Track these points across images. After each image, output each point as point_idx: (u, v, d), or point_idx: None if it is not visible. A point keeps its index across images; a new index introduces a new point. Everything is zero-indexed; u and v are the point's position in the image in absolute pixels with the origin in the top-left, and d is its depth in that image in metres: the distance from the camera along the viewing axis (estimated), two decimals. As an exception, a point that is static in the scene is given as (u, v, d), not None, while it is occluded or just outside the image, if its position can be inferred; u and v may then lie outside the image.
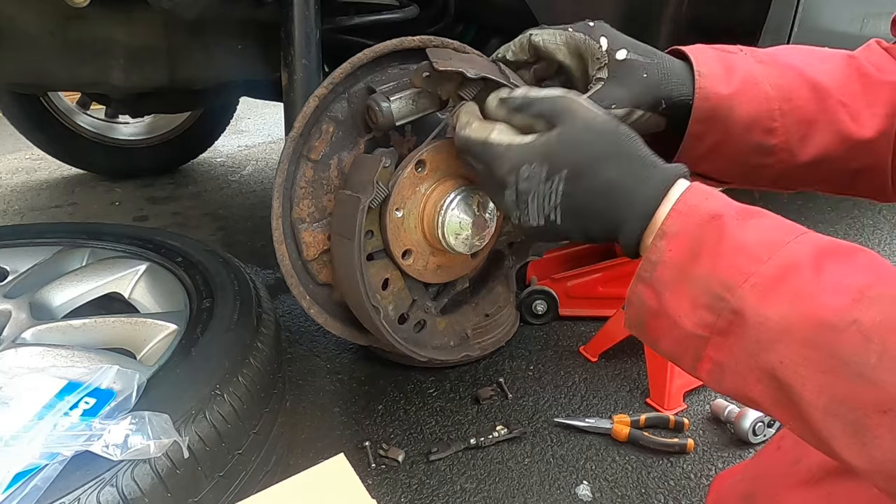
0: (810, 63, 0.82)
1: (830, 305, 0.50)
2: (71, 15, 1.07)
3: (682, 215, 0.58)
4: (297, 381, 1.46)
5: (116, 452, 0.71)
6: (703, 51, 0.82)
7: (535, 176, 0.66)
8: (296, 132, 0.83)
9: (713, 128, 0.80)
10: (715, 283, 0.55)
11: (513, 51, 0.85)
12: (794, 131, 0.80)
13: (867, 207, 2.56)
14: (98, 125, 2.68)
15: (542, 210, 0.66)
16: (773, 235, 0.56)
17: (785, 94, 0.79)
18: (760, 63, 0.81)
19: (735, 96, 0.78)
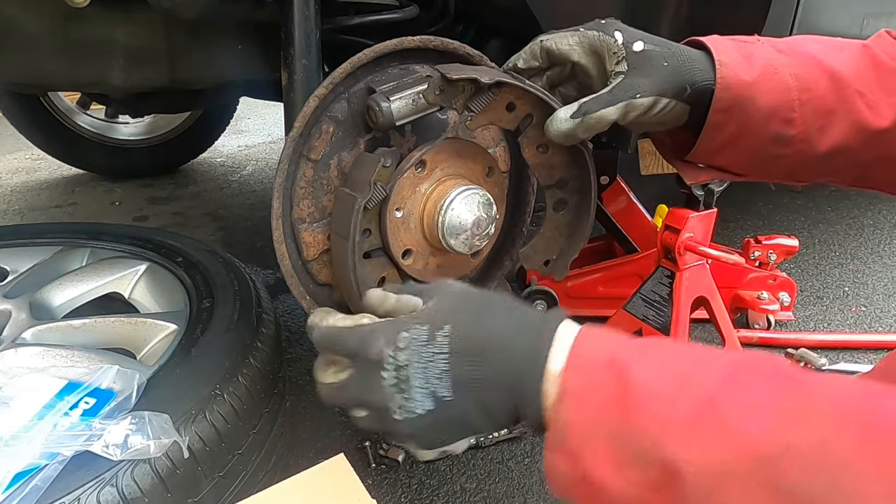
0: (827, 52, 0.81)
1: (759, 435, 0.45)
2: (71, 15, 1.06)
3: (578, 369, 0.54)
4: (297, 381, 1.46)
5: (116, 452, 0.71)
6: (721, 41, 0.81)
7: (415, 340, 0.59)
8: (296, 132, 0.83)
9: (733, 117, 0.79)
10: (634, 437, 0.50)
11: (524, 59, 0.84)
12: (812, 121, 0.79)
13: (867, 207, 2.56)
14: (98, 125, 2.68)
15: (428, 386, 0.58)
16: (678, 368, 0.52)
17: (804, 83, 0.78)
18: (779, 52, 0.79)
19: (756, 84, 0.77)
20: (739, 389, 0.48)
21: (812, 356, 1.49)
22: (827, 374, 0.51)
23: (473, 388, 0.58)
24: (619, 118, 0.78)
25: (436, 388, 0.58)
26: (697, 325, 1.61)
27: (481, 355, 0.58)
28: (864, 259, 2.13)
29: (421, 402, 0.59)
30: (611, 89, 0.77)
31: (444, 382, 0.58)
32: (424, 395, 0.58)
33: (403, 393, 0.59)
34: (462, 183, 0.88)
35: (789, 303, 1.67)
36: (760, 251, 1.69)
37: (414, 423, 0.60)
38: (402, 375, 0.59)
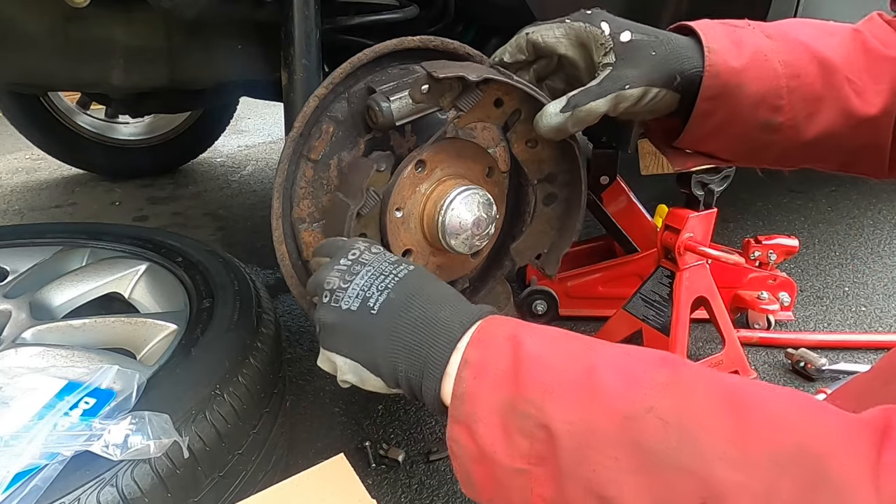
0: (818, 37, 0.80)
1: (628, 397, 0.49)
2: (71, 15, 1.06)
3: (480, 342, 0.57)
4: (297, 381, 1.46)
5: (116, 452, 0.71)
6: (711, 26, 0.80)
7: (384, 255, 0.66)
8: (296, 132, 0.83)
9: (721, 105, 0.78)
10: (520, 402, 0.52)
11: (510, 52, 0.84)
12: (800, 109, 0.79)
13: (867, 207, 2.56)
14: (98, 125, 2.68)
15: (365, 290, 0.62)
16: (571, 346, 0.55)
17: (793, 70, 0.78)
18: (769, 38, 0.79)
19: (745, 72, 0.76)
20: (619, 364, 0.52)
21: (812, 356, 1.49)
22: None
23: (396, 317, 0.61)
24: (610, 110, 0.78)
25: (370, 296, 0.62)
26: (697, 325, 1.61)
27: (420, 298, 0.61)
28: (864, 259, 2.13)
29: (350, 298, 0.63)
30: (599, 81, 0.77)
31: (379, 296, 0.62)
32: (357, 293, 0.63)
33: (344, 281, 0.64)
34: (462, 183, 0.88)
35: (789, 303, 1.67)
36: (760, 251, 1.69)
37: (331, 313, 0.63)
38: (354, 269, 0.64)
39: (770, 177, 2.83)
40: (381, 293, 0.62)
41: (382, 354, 0.61)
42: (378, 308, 0.61)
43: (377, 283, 0.62)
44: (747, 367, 1.48)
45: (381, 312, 0.61)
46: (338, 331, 0.63)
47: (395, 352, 0.60)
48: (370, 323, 0.61)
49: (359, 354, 0.63)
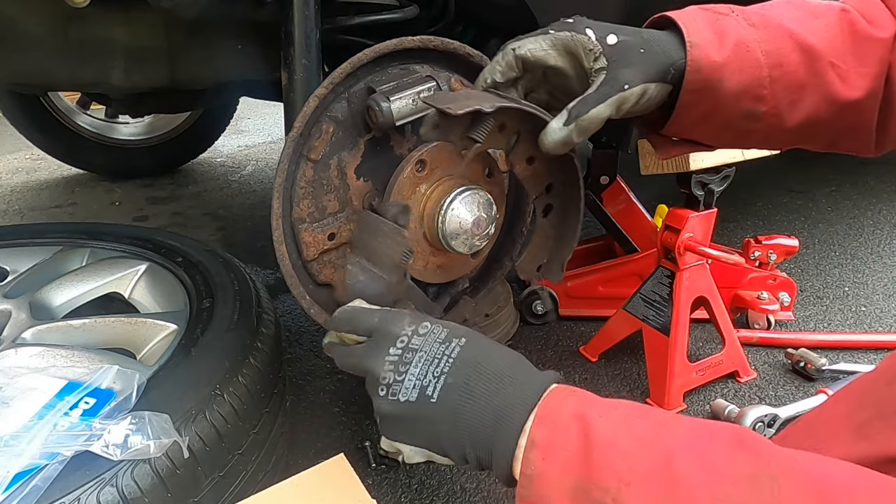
0: (803, 21, 0.79)
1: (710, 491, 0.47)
2: (71, 15, 1.07)
3: (546, 421, 0.56)
4: (297, 381, 1.46)
5: (116, 452, 0.71)
6: (693, 16, 0.79)
7: (434, 333, 0.63)
8: (296, 132, 0.83)
9: (704, 98, 0.78)
10: (593, 489, 0.51)
11: (500, 71, 0.82)
12: (783, 97, 0.79)
13: (867, 207, 2.56)
14: (98, 125, 2.68)
15: (422, 378, 0.60)
16: (642, 427, 0.54)
17: (776, 59, 0.77)
18: (752, 26, 0.78)
19: (727, 65, 0.76)
20: (697, 449, 0.50)
21: (812, 356, 1.49)
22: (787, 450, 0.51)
23: (457, 402, 0.59)
24: (613, 113, 0.78)
25: (427, 385, 0.60)
26: (697, 325, 1.61)
27: (478, 378, 0.59)
28: (864, 259, 2.13)
29: (407, 390, 0.61)
30: (597, 87, 0.76)
31: (437, 383, 0.60)
32: (414, 384, 0.61)
33: (398, 373, 0.62)
34: (462, 183, 0.88)
35: (789, 303, 1.67)
36: (760, 251, 1.69)
37: (391, 406, 0.62)
38: (406, 357, 0.62)
39: (770, 177, 2.83)
40: (438, 379, 0.60)
41: (448, 440, 0.60)
42: (437, 396, 0.60)
43: (432, 370, 0.61)
44: (747, 367, 1.48)
45: (441, 400, 0.59)
46: (399, 423, 0.62)
47: (461, 437, 0.59)
48: (432, 411, 0.60)
49: (424, 441, 0.62)
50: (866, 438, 0.64)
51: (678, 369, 1.36)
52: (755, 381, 1.48)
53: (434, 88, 0.87)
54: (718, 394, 1.43)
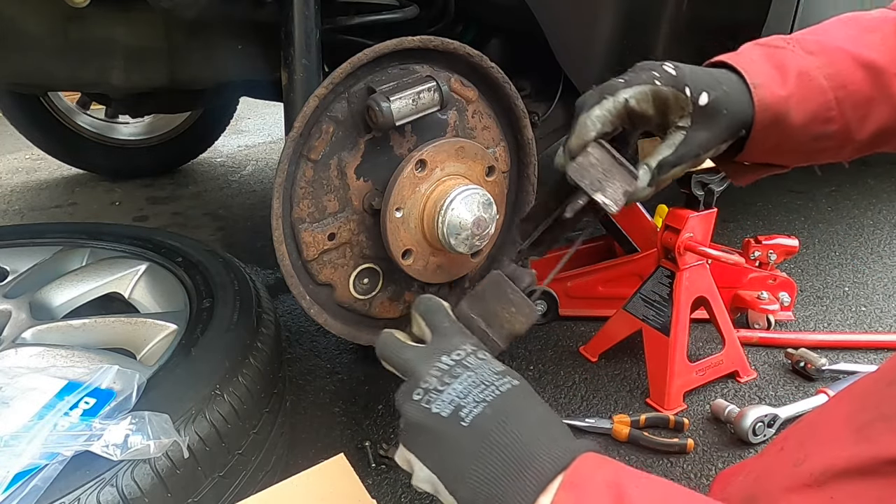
0: (858, 39, 0.80)
1: None
2: (71, 15, 1.06)
3: (574, 487, 0.51)
4: (297, 381, 1.46)
5: (116, 452, 0.71)
6: (751, 55, 0.80)
7: (490, 363, 0.60)
8: (296, 132, 0.83)
9: (773, 131, 0.80)
10: None
11: (611, 122, 0.78)
12: (851, 115, 0.80)
13: (867, 207, 2.56)
14: (98, 125, 2.68)
15: (462, 398, 0.57)
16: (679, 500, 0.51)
17: (839, 82, 0.78)
18: (811, 54, 0.79)
19: (792, 97, 0.78)
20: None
21: (812, 356, 1.49)
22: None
23: (487, 434, 0.55)
24: (684, 173, 0.81)
25: (464, 406, 0.57)
26: (697, 325, 1.61)
27: (517, 420, 0.56)
28: (864, 259, 2.13)
29: (443, 403, 0.58)
30: (676, 147, 0.78)
31: (474, 408, 0.57)
32: (452, 399, 0.57)
33: (441, 383, 0.59)
34: (462, 183, 0.88)
35: (789, 303, 1.67)
36: (760, 251, 1.69)
37: (420, 414, 0.58)
38: (455, 372, 0.59)
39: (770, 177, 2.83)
40: (477, 405, 0.57)
41: (462, 474, 0.55)
42: (470, 421, 0.56)
43: (475, 393, 0.57)
44: (747, 367, 1.48)
45: (471, 426, 0.56)
46: (422, 433, 0.58)
47: (476, 472, 0.54)
48: (458, 434, 0.56)
49: (438, 466, 0.57)
50: (867, 440, 0.64)
51: (678, 369, 1.36)
52: (755, 381, 1.48)
53: (434, 88, 0.87)
54: (718, 394, 1.43)
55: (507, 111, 1.02)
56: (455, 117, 0.96)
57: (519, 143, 1.06)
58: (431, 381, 0.59)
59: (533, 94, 1.37)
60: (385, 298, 1.00)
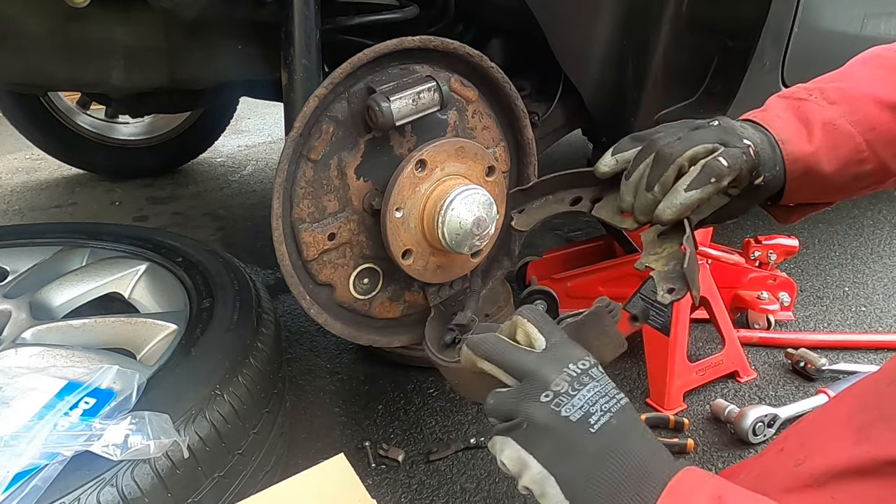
0: (883, 80, 0.82)
1: None
2: (71, 15, 1.06)
3: (676, 494, 0.54)
4: (297, 381, 1.46)
5: (116, 452, 0.71)
6: (777, 114, 0.82)
7: (606, 377, 0.62)
8: (296, 132, 0.83)
9: (808, 180, 0.82)
10: None
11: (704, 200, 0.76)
12: (884, 152, 0.82)
13: (867, 207, 2.56)
14: (98, 125, 2.68)
15: (592, 404, 0.58)
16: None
17: (866, 125, 0.80)
18: (834, 104, 0.81)
19: (820, 150, 0.80)
20: None
21: (812, 356, 1.49)
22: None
23: (613, 444, 0.57)
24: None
25: (593, 412, 0.58)
26: (697, 325, 1.61)
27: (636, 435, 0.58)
28: (864, 259, 2.13)
29: (574, 407, 0.58)
30: (715, 211, 0.82)
31: (602, 416, 0.58)
32: (582, 405, 0.58)
33: (573, 388, 0.59)
34: (462, 183, 0.88)
35: (789, 303, 1.67)
36: (760, 251, 1.69)
37: (549, 416, 0.58)
38: (583, 380, 0.60)
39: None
40: (604, 414, 0.58)
41: (586, 478, 0.56)
42: (598, 428, 0.57)
43: (601, 402, 0.59)
44: (747, 367, 1.48)
45: (599, 433, 0.57)
46: (548, 436, 0.58)
47: (599, 482, 0.56)
48: (586, 440, 0.57)
49: (559, 469, 0.57)
50: (868, 440, 0.64)
51: (678, 369, 1.36)
52: (755, 381, 1.48)
53: (434, 88, 0.87)
54: (718, 394, 1.43)
55: (507, 111, 1.02)
56: (455, 117, 0.96)
57: (519, 143, 1.06)
58: (563, 385, 0.59)
59: (533, 94, 1.37)
60: (385, 298, 1.00)
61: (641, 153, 0.78)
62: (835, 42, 1.40)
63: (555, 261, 1.77)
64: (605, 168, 0.82)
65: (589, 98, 1.25)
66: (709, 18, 1.20)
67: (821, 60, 1.38)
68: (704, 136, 0.75)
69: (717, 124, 0.77)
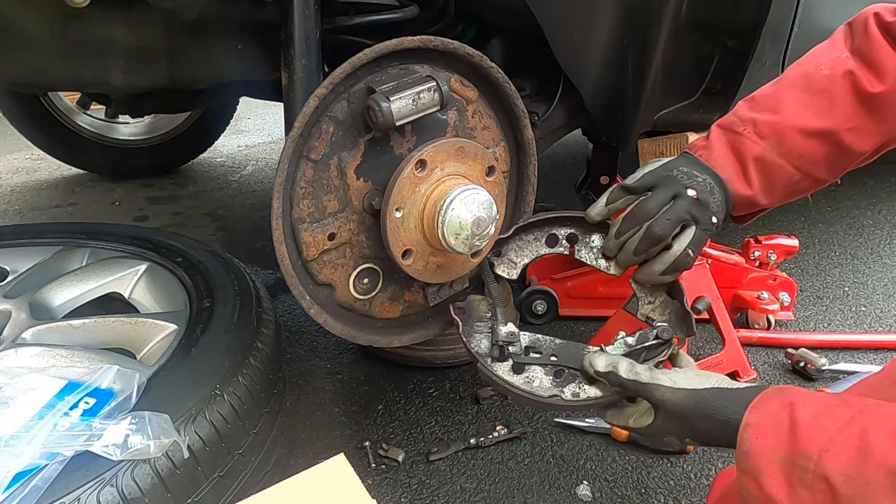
0: (809, 106, 0.89)
1: (892, 453, 0.57)
2: (71, 15, 1.06)
3: (757, 409, 0.69)
4: (297, 381, 1.46)
5: (116, 452, 0.71)
6: (719, 150, 0.92)
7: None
8: (296, 132, 0.83)
9: (751, 211, 0.96)
10: (799, 458, 0.62)
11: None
12: (816, 171, 0.92)
13: (867, 207, 2.56)
14: (98, 125, 2.68)
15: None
16: (842, 411, 0.64)
17: (794, 155, 0.90)
18: (763, 139, 0.90)
19: (758, 191, 0.91)
20: (888, 425, 0.60)
21: (812, 356, 1.49)
22: None
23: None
24: None
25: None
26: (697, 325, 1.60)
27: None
28: (864, 259, 2.13)
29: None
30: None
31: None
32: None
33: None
34: (462, 183, 0.88)
35: (789, 303, 1.67)
36: (760, 251, 1.69)
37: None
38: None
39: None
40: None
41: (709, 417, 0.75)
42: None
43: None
44: (747, 367, 1.48)
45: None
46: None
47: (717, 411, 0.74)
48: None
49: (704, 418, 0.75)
50: None
51: (678, 369, 1.36)
52: (755, 381, 1.48)
53: (434, 88, 0.87)
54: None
55: (507, 111, 1.02)
56: (455, 117, 0.96)
57: (519, 143, 1.06)
58: None
59: (533, 94, 1.37)
60: (385, 298, 1.00)
61: (632, 219, 0.90)
62: (835, 42, 1.40)
63: (555, 261, 1.77)
64: (598, 217, 0.95)
65: (589, 98, 1.25)
66: (709, 18, 1.20)
67: (821, 60, 1.39)
68: (683, 212, 0.88)
69: (694, 195, 0.88)
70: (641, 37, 1.17)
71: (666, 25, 1.16)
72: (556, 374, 0.90)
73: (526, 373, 0.90)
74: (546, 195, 2.69)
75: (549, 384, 0.90)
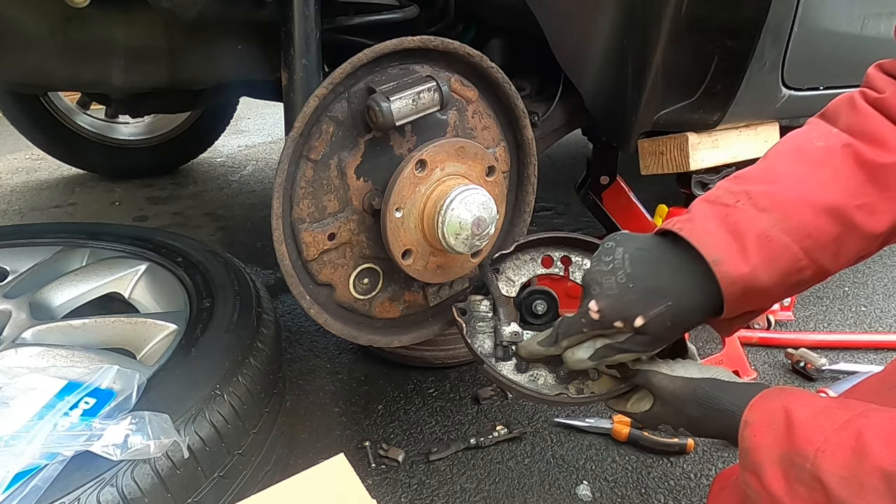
0: (810, 178, 0.76)
1: (889, 457, 0.57)
2: (71, 15, 1.06)
3: (757, 407, 0.71)
4: (297, 381, 1.46)
5: (116, 452, 0.71)
6: (707, 228, 0.76)
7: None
8: (296, 132, 0.83)
9: (747, 297, 0.77)
10: (796, 457, 0.63)
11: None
12: (822, 256, 0.76)
13: (867, 207, 2.56)
14: (98, 125, 2.68)
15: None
16: (838, 415, 0.64)
17: (802, 233, 0.74)
18: (765, 212, 0.75)
19: (757, 268, 0.74)
20: (884, 429, 0.60)
21: (812, 356, 1.49)
22: None
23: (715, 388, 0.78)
24: None
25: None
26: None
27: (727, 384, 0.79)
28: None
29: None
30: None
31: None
32: None
33: None
34: (462, 183, 0.88)
35: (789, 303, 1.67)
36: (760, 251, 1.68)
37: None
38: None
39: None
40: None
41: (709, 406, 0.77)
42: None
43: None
44: (747, 367, 1.48)
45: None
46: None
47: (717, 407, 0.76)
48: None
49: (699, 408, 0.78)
50: None
51: (678, 369, 1.36)
52: (755, 382, 1.48)
53: (434, 88, 0.87)
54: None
55: (507, 111, 1.02)
56: (455, 117, 0.96)
57: (519, 143, 1.06)
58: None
59: (533, 94, 1.37)
60: (385, 298, 1.00)
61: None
62: (835, 42, 1.39)
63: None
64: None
65: (589, 98, 1.25)
66: (709, 18, 1.20)
67: (821, 60, 1.38)
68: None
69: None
70: (641, 37, 1.17)
71: (666, 25, 1.16)
72: (558, 371, 0.91)
73: (529, 371, 0.91)
74: (546, 195, 2.69)
75: (553, 381, 0.90)
